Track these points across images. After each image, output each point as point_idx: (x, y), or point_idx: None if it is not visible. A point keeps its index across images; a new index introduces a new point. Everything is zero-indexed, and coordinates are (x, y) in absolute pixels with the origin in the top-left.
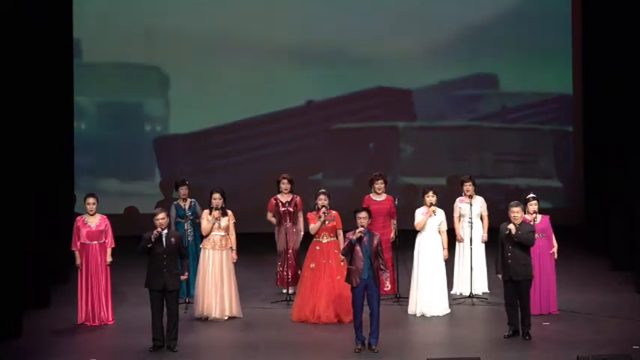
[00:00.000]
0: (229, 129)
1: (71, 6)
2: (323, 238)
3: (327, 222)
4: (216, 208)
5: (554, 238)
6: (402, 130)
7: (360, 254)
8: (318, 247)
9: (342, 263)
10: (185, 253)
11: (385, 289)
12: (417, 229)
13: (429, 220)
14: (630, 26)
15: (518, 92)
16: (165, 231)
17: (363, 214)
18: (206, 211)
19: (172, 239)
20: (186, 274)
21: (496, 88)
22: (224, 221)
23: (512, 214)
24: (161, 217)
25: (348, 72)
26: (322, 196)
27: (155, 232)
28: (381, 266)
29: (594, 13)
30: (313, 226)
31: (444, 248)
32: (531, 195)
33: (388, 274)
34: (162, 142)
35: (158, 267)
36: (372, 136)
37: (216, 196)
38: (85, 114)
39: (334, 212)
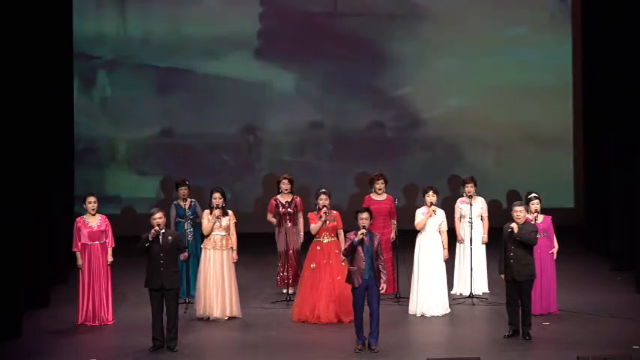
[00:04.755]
0: (229, 130)
1: (71, 6)
2: (324, 238)
3: (327, 222)
4: (217, 208)
5: (555, 239)
6: (403, 133)
7: (362, 254)
8: (318, 248)
9: (342, 263)
10: (184, 246)
11: (382, 291)
12: (417, 228)
13: (430, 220)
14: (630, 26)
15: (517, 95)
16: (162, 230)
17: (365, 214)
18: (207, 211)
19: (169, 238)
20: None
21: (495, 88)
22: (225, 221)
23: (515, 214)
24: (158, 217)
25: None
26: (323, 196)
27: (153, 230)
28: (380, 267)
29: (595, 8)
30: (314, 226)
31: (444, 248)
32: (533, 194)
33: (386, 277)
34: (162, 143)
35: (155, 266)
36: (372, 139)
37: (217, 195)
38: (86, 114)
39: (335, 212)
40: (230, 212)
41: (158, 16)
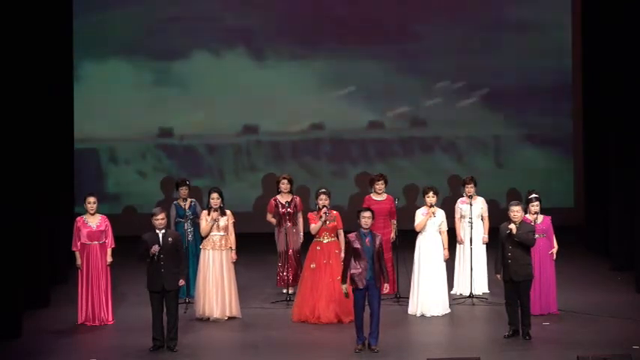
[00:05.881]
0: (229, 130)
1: (71, 6)
2: (324, 238)
3: (327, 222)
4: (215, 209)
5: (554, 240)
6: (403, 133)
7: (363, 255)
8: (318, 248)
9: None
10: (183, 254)
11: (385, 291)
12: (417, 230)
13: (429, 221)
14: (630, 26)
15: (517, 95)
16: (163, 231)
17: (367, 213)
18: (205, 212)
19: (170, 239)
20: (182, 281)
21: (493, 88)
22: (223, 221)
23: (511, 214)
24: (160, 217)
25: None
26: (323, 196)
27: (152, 249)
28: (382, 267)
29: (595, 8)
30: (314, 227)
31: (444, 248)
32: (534, 195)
33: (388, 277)
34: (162, 143)
35: (156, 267)
36: (372, 139)
37: (215, 195)
38: (86, 113)
39: (335, 212)
40: (228, 212)
41: (158, 16)
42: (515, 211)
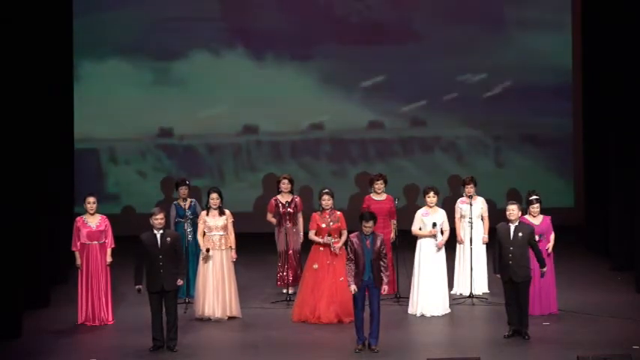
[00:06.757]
0: (229, 130)
1: (71, 6)
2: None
3: (332, 223)
4: (212, 208)
5: (552, 236)
6: (403, 133)
7: (362, 257)
8: (321, 249)
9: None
10: (182, 255)
11: (383, 292)
12: (413, 234)
13: (429, 220)
14: (630, 26)
15: (517, 94)
16: (161, 231)
17: (370, 223)
18: (203, 213)
19: (168, 239)
20: (180, 281)
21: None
22: (222, 221)
23: (507, 212)
24: (159, 217)
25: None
26: (326, 197)
27: (137, 288)
28: (382, 267)
29: (595, 8)
30: (314, 237)
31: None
32: (534, 197)
33: (388, 279)
34: (162, 143)
35: (155, 268)
36: (372, 139)
37: (214, 195)
38: (86, 113)
39: (339, 213)
40: (227, 211)
41: (158, 16)
42: (511, 210)
